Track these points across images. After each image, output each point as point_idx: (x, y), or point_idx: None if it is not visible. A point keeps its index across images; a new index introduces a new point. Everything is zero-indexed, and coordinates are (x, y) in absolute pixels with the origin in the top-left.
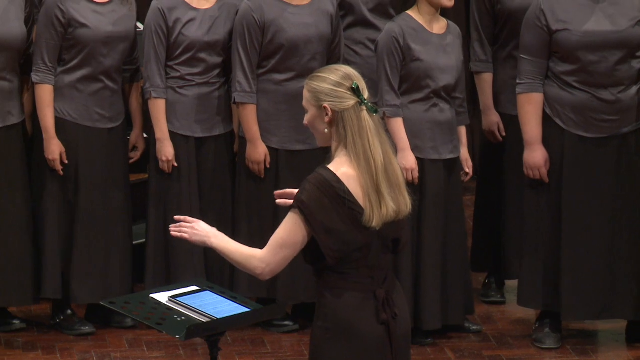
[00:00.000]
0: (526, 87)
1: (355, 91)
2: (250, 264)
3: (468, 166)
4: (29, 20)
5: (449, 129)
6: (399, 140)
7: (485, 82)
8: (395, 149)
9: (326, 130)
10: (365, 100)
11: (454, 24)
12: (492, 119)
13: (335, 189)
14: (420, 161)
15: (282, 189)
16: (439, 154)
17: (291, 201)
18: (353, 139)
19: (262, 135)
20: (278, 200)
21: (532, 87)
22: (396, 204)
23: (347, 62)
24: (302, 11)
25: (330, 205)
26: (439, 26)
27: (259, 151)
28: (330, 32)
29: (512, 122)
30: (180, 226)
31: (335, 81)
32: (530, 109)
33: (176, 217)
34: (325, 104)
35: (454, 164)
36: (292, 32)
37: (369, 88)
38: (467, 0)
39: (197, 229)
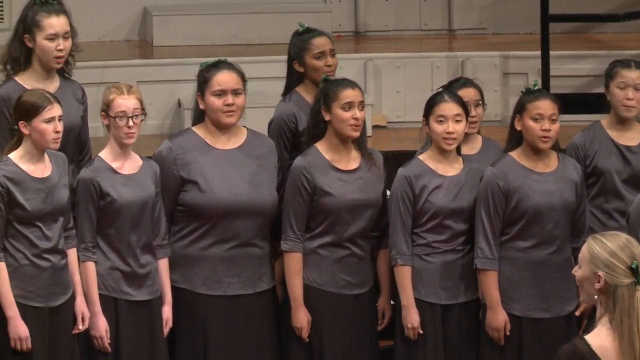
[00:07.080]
0: None
1: (634, 271)
2: None
3: None
4: (281, 187)
5: None
6: None
7: None
8: None
9: (595, 296)
10: None
11: None
12: None
13: None
14: None
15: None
16: None
17: None
18: (620, 317)
19: (504, 302)
20: None
21: None
22: None
23: (591, 231)
24: (547, 178)
25: None
26: None
27: (499, 318)
28: (574, 200)
29: None
30: None
31: (617, 254)
32: None
33: None
34: (601, 273)
35: None
36: (536, 200)
37: None
38: None
39: None
